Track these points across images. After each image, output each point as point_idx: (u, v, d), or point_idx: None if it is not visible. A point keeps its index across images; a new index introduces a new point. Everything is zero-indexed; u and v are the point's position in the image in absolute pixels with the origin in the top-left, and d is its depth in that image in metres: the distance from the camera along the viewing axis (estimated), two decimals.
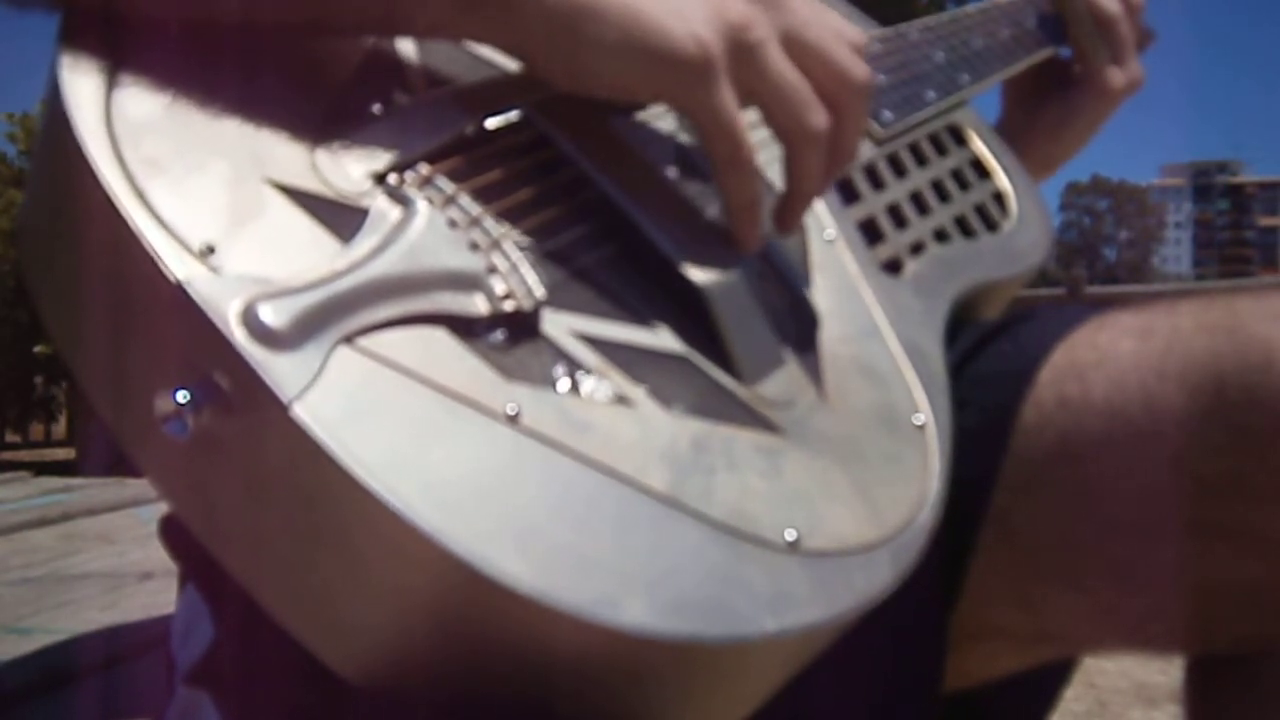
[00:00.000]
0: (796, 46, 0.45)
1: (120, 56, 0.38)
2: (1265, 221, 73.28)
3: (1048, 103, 0.79)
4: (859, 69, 0.47)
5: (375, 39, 0.45)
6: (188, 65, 0.39)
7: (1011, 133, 0.79)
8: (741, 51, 0.43)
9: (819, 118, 0.45)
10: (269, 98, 0.40)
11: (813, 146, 0.46)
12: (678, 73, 0.42)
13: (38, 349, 6.56)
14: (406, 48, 0.46)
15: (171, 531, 0.52)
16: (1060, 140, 0.79)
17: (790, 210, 0.49)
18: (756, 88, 0.44)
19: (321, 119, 0.41)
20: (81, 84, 0.37)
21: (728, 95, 0.43)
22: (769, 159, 0.52)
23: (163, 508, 0.46)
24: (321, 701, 0.39)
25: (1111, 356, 0.51)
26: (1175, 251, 74.93)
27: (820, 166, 0.47)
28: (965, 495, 0.50)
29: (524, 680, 0.35)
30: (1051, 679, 0.61)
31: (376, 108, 0.42)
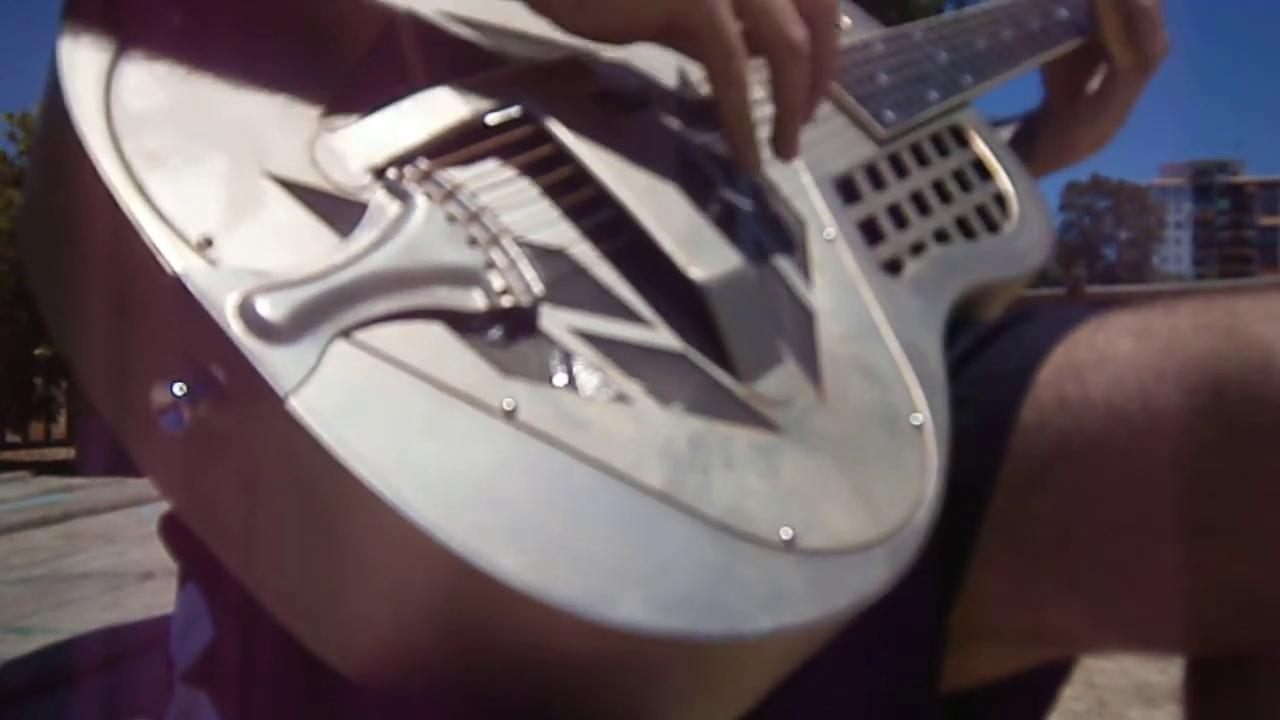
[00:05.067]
0: None
1: (120, 48, 0.38)
2: (1265, 221, 73.17)
3: (1086, 85, 0.83)
4: None
5: (375, 28, 0.45)
6: (187, 57, 0.39)
7: (1056, 117, 0.84)
8: None
9: (800, 31, 0.50)
10: (269, 91, 0.40)
11: (797, 58, 0.50)
12: None
13: (38, 351, 6.56)
14: (408, 42, 0.46)
15: (171, 530, 0.52)
16: (1102, 119, 0.83)
17: (784, 129, 0.52)
18: (746, 6, 0.49)
19: (321, 113, 0.41)
20: (81, 76, 0.37)
21: (725, 8, 0.47)
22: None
23: (163, 507, 0.46)
24: (320, 699, 0.39)
25: (1110, 356, 0.51)
26: (1175, 251, 74.84)
27: (805, 79, 0.51)
28: (964, 495, 0.50)
29: (521, 676, 0.34)
30: (1051, 679, 0.61)
31: (376, 102, 0.42)
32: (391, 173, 0.40)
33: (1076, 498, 0.50)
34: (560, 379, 0.38)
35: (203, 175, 0.36)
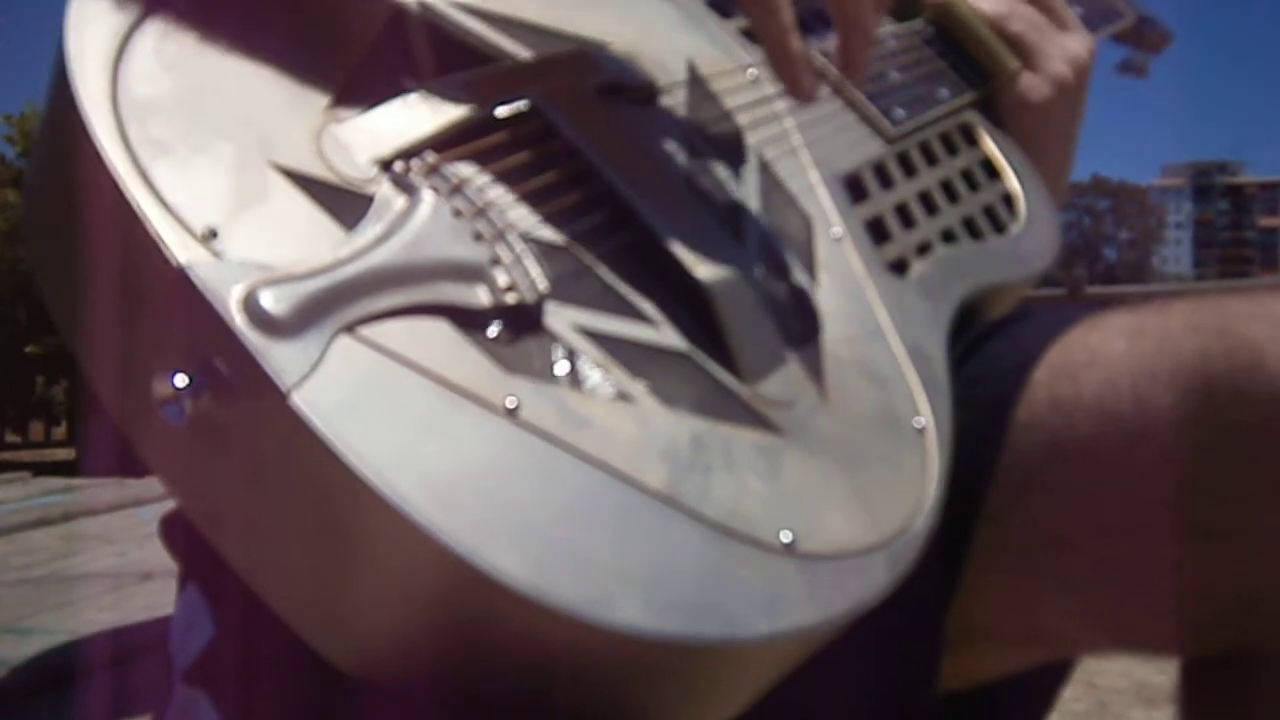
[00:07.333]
0: None
1: (128, 34, 0.38)
2: (1265, 222, 73.05)
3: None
4: None
5: (384, 19, 0.45)
6: (195, 45, 0.39)
7: None
8: None
9: None
10: (276, 80, 0.40)
11: None
12: None
13: (28, 349, 6.53)
14: (416, 34, 0.46)
15: (172, 530, 0.52)
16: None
17: (848, 50, 0.52)
18: None
19: (329, 103, 0.41)
20: (88, 62, 0.36)
21: None
22: (796, 145, 0.54)
23: (163, 507, 0.45)
24: (320, 698, 0.39)
25: (1103, 357, 0.51)
26: (1175, 252, 74.71)
27: None
28: (960, 494, 0.50)
29: (522, 677, 0.34)
30: (1050, 679, 0.61)
31: (385, 94, 0.42)
32: (398, 165, 0.40)
33: (1070, 498, 0.50)
34: (564, 377, 0.38)
35: (209, 164, 0.36)
